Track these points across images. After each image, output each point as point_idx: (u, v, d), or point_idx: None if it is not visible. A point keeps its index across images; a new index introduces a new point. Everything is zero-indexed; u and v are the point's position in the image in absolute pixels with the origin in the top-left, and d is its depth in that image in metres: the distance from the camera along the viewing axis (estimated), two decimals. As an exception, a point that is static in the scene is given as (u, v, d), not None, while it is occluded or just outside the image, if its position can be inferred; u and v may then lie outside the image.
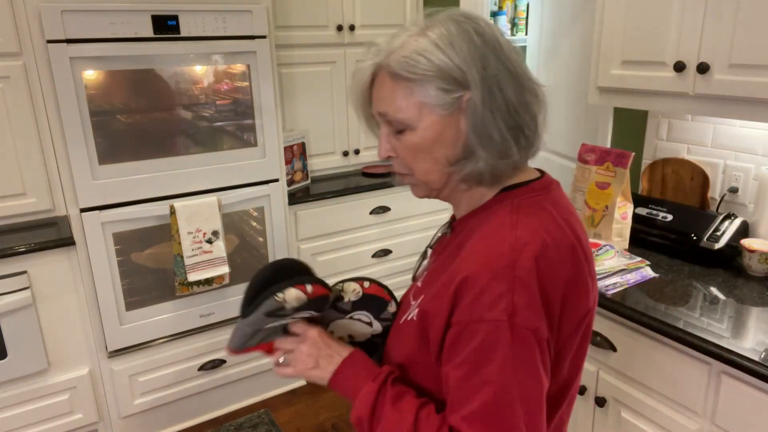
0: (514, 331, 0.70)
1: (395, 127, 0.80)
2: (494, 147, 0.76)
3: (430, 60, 0.74)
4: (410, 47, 0.76)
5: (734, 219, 1.71)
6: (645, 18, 1.60)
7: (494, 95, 0.74)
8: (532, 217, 0.77)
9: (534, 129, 0.79)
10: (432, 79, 0.74)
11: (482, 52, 0.75)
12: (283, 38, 2.52)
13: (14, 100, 1.91)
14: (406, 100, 0.77)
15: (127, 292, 2.17)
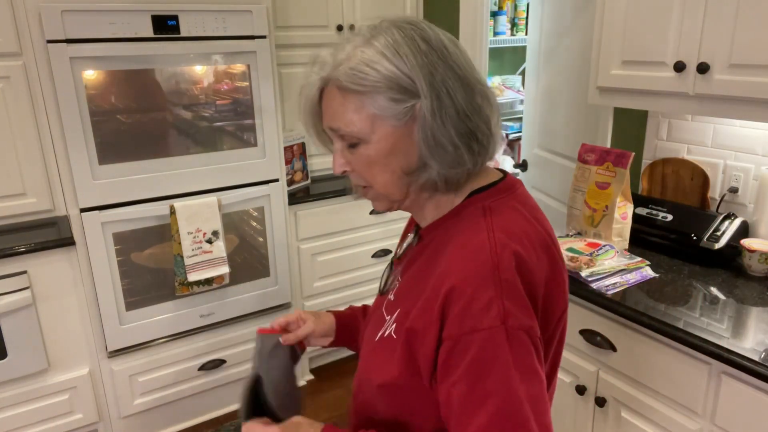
0: (510, 335, 0.69)
1: (348, 141, 0.78)
2: (446, 156, 0.75)
3: (377, 70, 0.72)
4: (357, 58, 0.73)
5: (734, 219, 1.71)
6: (645, 18, 1.60)
7: (443, 102, 0.73)
8: (505, 218, 0.77)
9: (488, 133, 0.77)
10: (382, 90, 0.72)
11: (429, 59, 0.73)
12: (283, 38, 2.52)
13: (14, 100, 1.91)
14: (357, 113, 0.75)
15: (127, 292, 2.17)
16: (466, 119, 0.74)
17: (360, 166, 0.79)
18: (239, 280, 2.40)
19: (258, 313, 2.48)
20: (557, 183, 2.53)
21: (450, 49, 0.76)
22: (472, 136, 0.75)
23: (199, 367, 2.38)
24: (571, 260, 1.60)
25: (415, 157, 0.76)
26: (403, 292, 0.84)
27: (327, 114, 0.79)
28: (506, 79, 3.71)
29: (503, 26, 3.39)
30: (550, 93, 2.56)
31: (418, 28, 0.76)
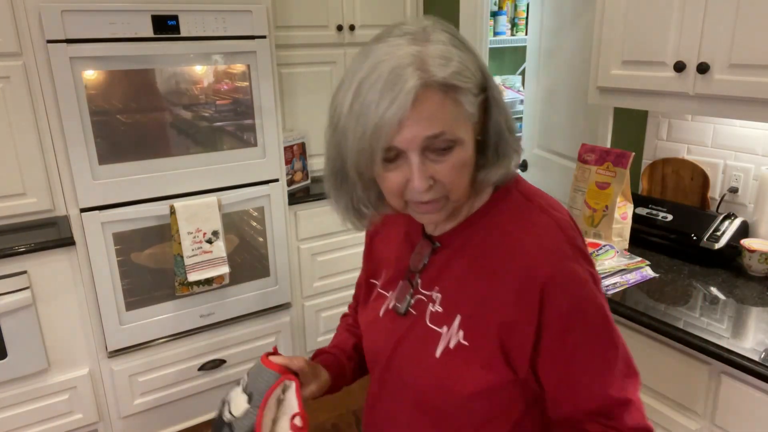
0: (601, 292, 0.78)
1: (443, 145, 0.71)
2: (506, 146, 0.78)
3: (468, 68, 0.71)
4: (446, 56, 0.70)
5: (734, 219, 1.71)
6: (645, 18, 1.60)
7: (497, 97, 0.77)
8: (541, 196, 0.82)
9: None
10: (472, 87, 0.72)
11: (482, 63, 0.75)
12: (283, 38, 2.52)
13: (14, 100, 1.91)
14: (457, 112, 0.71)
15: (127, 292, 2.17)
16: (510, 119, 0.78)
17: (449, 172, 0.73)
18: (239, 280, 2.40)
19: (258, 313, 2.48)
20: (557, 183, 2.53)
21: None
22: (513, 126, 0.79)
23: (199, 367, 2.38)
24: (571, 260, 1.60)
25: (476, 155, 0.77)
26: (456, 300, 0.81)
27: (421, 123, 0.69)
28: (506, 79, 3.71)
29: (503, 26, 3.39)
30: (550, 93, 2.56)
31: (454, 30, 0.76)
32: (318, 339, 2.71)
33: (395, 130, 0.68)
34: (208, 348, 2.39)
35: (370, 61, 0.70)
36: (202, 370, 2.39)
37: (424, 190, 0.73)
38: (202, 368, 2.39)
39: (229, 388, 0.88)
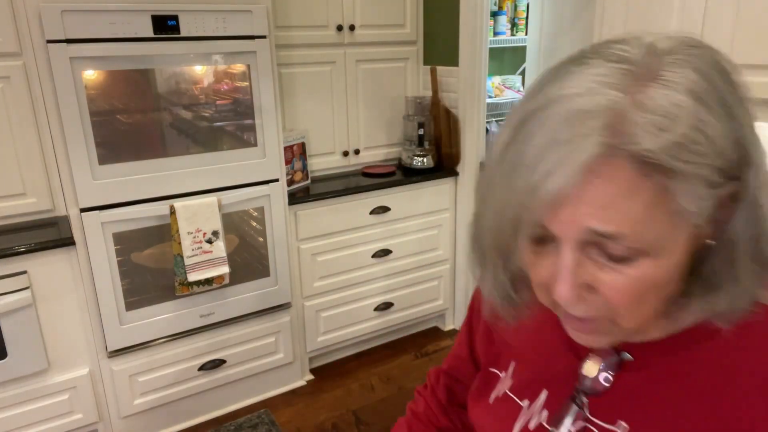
0: None
1: (615, 252, 0.47)
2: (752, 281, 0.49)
3: (707, 135, 0.43)
4: (687, 117, 0.43)
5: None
6: (645, 18, 1.60)
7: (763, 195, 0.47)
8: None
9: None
10: (704, 168, 0.44)
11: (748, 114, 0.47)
12: (283, 38, 2.52)
13: (14, 100, 1.91)
14: (660, 208, 0.45)
15: (127, 292, 2.17)
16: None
17: (623, 291, 0.49)
18: (239, 280, 2.40)
19: (258, 313, 2.48)
20: (557, 183, 2.53)
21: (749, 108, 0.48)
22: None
23: (199, 367, 2.38)
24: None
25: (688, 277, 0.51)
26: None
27: (593, 206, 0.46)
28: (506, 79, 3.71)
29: (503, 26, 3.39)
30: (550, 93, 2.56)
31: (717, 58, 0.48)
32: (318, 339, 2.71)
33: (552, 204, 0.46)
34: (208, 348, 2.39)
35: (552, 90, 0.48)
36: (202, 370, 2.39)
37: (572, 302, 0.50)
38: (202, 368, 2.39)
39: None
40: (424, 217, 2.89)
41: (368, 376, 2.76)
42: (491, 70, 3.72)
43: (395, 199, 2.76)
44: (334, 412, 2.49)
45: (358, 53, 2.76)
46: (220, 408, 2.51)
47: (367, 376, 2.76)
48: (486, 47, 2.76)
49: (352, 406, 2.53)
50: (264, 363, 2.55)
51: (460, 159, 2.90)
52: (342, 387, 2.67)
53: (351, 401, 2.56)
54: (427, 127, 2.86)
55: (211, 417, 2.48)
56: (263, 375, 2.57)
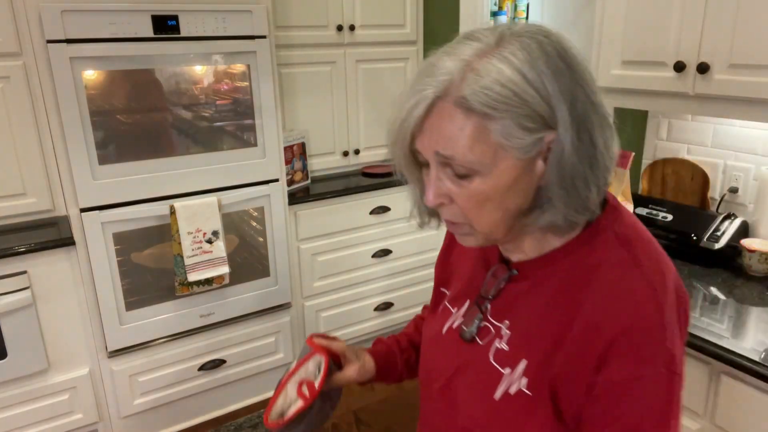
0: (672, 381, 0.65)
1: (457, 171, 0.65)
2: (576, 197, 0.65)
3: (514, 91, 0.60)
4: (491, 75, 0.61)
5: (734, 219, 1.71)
6: (645, 18, 1.60)
7: (582, 137, 0.64)
8: (643, 245, 0.71)
9: (611, 166, 0.68)
10: (515, 115, 0.61)
11: (570, 82, 0.63)
12: (283, 38, 2.52)
13: (14, 100, 1.91)
14: (479, 139, 0.62)
15: (127, 292, 2.17)
16: (600, 157, 0.65)
17: (467, 201, 0.67)
18: (239, 280, 2.40)
19: (258, 313, 2.48)
20: (557, 183, 2.53)
21: (585, 67, 0.65)
22: (602, 176, 0.66)
23: (199, 367, 2.38)
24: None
25: (532, 196, 0.67)
26: (523, 341, 0.73)
27: (434, 136, 0.64)
28: (506, 79, 3.70)
29: (503, 26, 3.39)
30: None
31: (554, 41, 0.64)
32: (318, 339, 2.71)
33: (412, 134, 0.65)
34: (208, 348, 2.39)
35: (433, 57, 0.65)
36: (202, 370, 2.39)
37: (434, 206, 0.69)
38: (202, 368, 2.39)
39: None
40: (424, 217, 2.88)
41: (368, 376, 2.76)
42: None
43: (395, 199, 2.76)
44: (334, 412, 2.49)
45: (358, 53, 2.76)
46: (220, 408, 2.51)
47: (367, 376, 2.76)
48: (486, 47, 2.75)
49: (352, 406, 2.53)
50: (264, 363, 2.55)
51: (460, 159, 2.90)
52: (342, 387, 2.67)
53: (351, 401, 2.56)
54: (427, 127, 2.86)
55: (211, 417, 2.48)
56: (263, 375, 2.57)
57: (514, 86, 0.60)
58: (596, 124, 0.65)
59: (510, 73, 0.60)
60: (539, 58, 0.62)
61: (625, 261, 0.68)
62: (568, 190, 0.65)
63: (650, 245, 0.71)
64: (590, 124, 0.64)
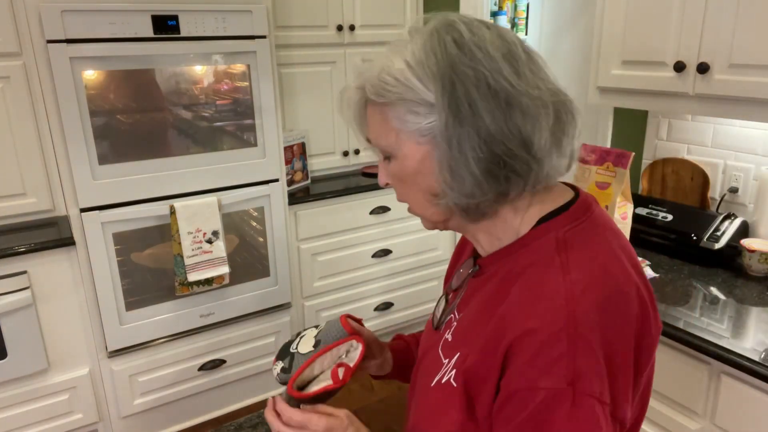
0: (576, 400, 0.59)
1: (384, 155, 0.74)
2: (462, 185, 0.66)
3: (398, 80, 0.65)
4: (384, 68, 0.67)
5: (734, 219, 1.71)
6: (645, 18, 1.60)
7: (463, 120, 0.63)
8: (585, 255, 0.65)
9: (526, 156, 0.64)
10: (401, 102, 0.66)
11: (455, 66, 0.63)
12: (283, 38, 2.52)
13: (14, 100, 1.91)
14: (383, 125, 0.69)
15: (127, 292, 2.17)
16: (491, 142, 0.63)
17: (392, 180, 0.75)
18: (239, 280, 2.40)
19: (258, 313, 2.48)
20: (557, 183, 2.53)
21: (492, 54, 0.64)
22: (497, 163, 0.64)
23: (199, 367, 2.38)
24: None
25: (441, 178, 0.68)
26: (462, 334, 0.75)
27: (369, 127, 0.75)
28: (506, 79, 3.71)
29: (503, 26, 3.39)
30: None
31: (456, 30, 0.65)
32: (318, 339, 2.71)
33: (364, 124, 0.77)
34: (208, 348, 2.39)
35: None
36: (202, 370, 2.39)
37: (385, 187, 0.78)
38: (202, 368, 2.39)
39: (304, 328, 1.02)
40: (424, 217, 2.88)
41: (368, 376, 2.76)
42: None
43: (395, 199, 2.75)
44: (334, 412, 2.49)
45: (358, 53, 2.76)
46: (220, 408, 2.51)
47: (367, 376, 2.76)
48: (486, 47, 2.75)
49: (352, 406, 2.53)
50: (264, 363, 2.54)
51: (460, 159, 2.90)
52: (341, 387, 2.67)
53: (351, 401, 2.56)
54: (427, 127, 2.86)
55: (211, 417, 2.48)
56: (263, 375, 2.57)
57: (400, 75, 0.66)
58: (488, 109, 0.63)
59: (398, 64, 0.66)
60: (430, 48, 0.65)
61: (552, 266, 0.65)
62: (452, 173, 0.66)
63: (598, 258, 0.65)
64: (476, 107, 0.63)
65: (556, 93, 0.68)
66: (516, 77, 0.64)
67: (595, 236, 0.68)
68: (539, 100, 0.65)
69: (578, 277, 0.63)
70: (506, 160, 0.64)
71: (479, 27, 0.67)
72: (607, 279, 0.64)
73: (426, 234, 2.90)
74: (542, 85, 0.66)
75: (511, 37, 0.68)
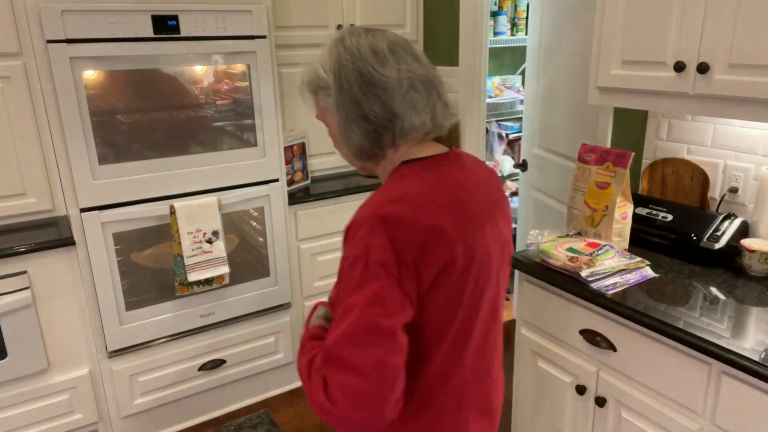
0: (368, 264, 0.87)
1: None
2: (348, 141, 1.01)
3: (318, 76, 1.00)
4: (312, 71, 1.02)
5: (734, 219, 1.71)
6: (645, 18, 1.60)
7: (344, 100, 0.97)
8: (407, 183, 0.96)
9: (386, 114, 0.96)
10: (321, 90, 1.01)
11: (341, 62, 0.97)
12: (283, 38, 2.52)
13: (14, 100, 1.91)
14: (318, 107, 1.05)
15: (127, 292, 2.17)
16: (363, 108, 0.96)
17: (332, 139, 1.09)
18: (239, 280, 2.40)
19: (258, 313, 2.48)
20: (557, 183, 2.53)
21: (363, 52, 0.97)
22: (368, 121, 0.97)
23: (199, 367, 2.38)
24: (571, 260, 1.60)
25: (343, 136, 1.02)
26: None
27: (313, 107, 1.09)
28: (506, 79, 3.71)
29: (503, 26, 3.39)
30: (550, 93, 2.56)
31: (343, 37, 0.99)
32: (318, 339, 2.71)
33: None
34: (208, 348, 2.39)
35: None
36: (202, 370, 2.39)
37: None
38: (202, 368, 2.39)
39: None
40: (424, 217, 2.88)
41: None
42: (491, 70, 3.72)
43: (395, 199, 2.75)
44: (334, 412, 2.49)
45: (358, 53, 2.76)
46: (220, 408, 2.51)
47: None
48: (486, 47, 2.75)
49: (352, 406, 2.53)
50: (264, 363, 2.55)
51: (460, 159, 2.89)
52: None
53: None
54: (427, 127, 2.86)
55: (211, 417, 2.48)
56: (263, 375, 2.58)
57: (315, 69, 1.00)
58: (362, 91, 0.96)
59: (316, 67, 1.00)
60: (328, 52, 0.99)
61: (382, 189, 0.97)
62: (346, 130, 0.99)
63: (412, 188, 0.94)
64: (353, 91, 0.96)
65: (410, 71, 0.97)
66: (380, 66, 0.96)
67: (422, 174, 0.98)
68: (395, 80, 0.95)
69: (389, 196, 0.92)
70: (373, 119, 0.96)
71: (359, 35, 0.99)
72: (408, 201, 0.91)
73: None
74: (401, 67, 0.96)
75: (380, 39, 0.98)
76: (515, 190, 3.71)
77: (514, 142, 3.70)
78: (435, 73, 1.01)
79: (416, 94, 0.97)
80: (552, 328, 1.71)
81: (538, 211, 2.79)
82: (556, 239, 1.75)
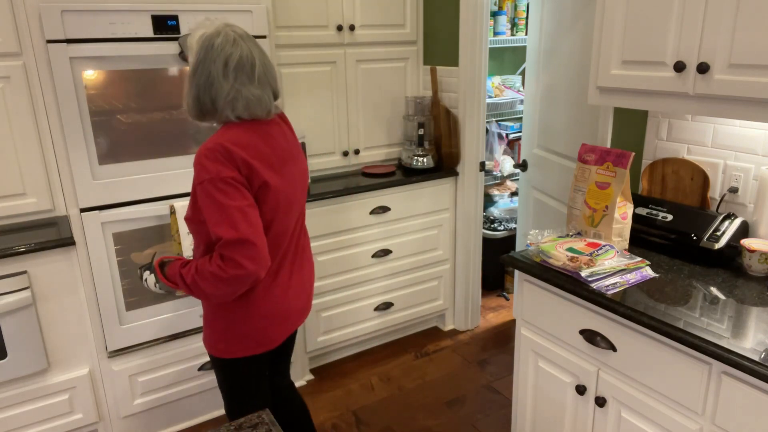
0: (216, 183, 1.34)
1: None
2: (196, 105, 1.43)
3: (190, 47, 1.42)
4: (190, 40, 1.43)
5: (734, 219, 1.71)
6: (645, 18, 1.60)
7: (193, 80, 1.41)
8: (230, 132, 1.40)
9: (211, 97, 1.40)
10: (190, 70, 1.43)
11: (200, 54, 1.39)
12: (283, 38, 2.52)
13: (14, 100, 1.91)
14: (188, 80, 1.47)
15: (127, 292, 2.17)
16: (203, 86, 1.40)
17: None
18: (239, 280, 2.39)
19: (258, 313, 2.48)
20: (557, 183, 2.53)
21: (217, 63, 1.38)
22: (205, 93, 1.40)
23: (199, 367, 2.38)
24: (571, 260, 1.60)
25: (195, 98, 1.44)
26: None
27: None
28: (506, 79, 3.71)
29: (503, 26, 3.39)
30: (550, 93, 2.56)
31: (211, 36, 1.39)
32: (318, 339, 2.71)
33: None
34: (208, 348, 2.39)
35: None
36: (202, 370, 2.39)
37: None
38: (202, 368, 2.39)
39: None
40: (424, 217, 2.89)
41: (368, 376, 2.76)
42: (491, 70, 3.72)
43: (395, 199, 2.76)
44: (334, 412, 2.49)
45: (358, 53, 2.76)
46: (220, 408, 2.51)
47: (367, 376, 2.76)
48: (486, 47, 2.76)
49: (352, 406, 2.53)
50: (264, 363, 2.54)
51: (460, 159, 2.90)
52: (342, 387, 2.67)
53: (351, 401, 2.56)
54: (427, 127, 2.87)
55: (211, 417, 2.48)
56: (263, 375, 2.57)
57: (190, 41, 1.42)
58: (203, 85, 1.40)
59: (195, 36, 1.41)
60: (205, 41, 1.39)
61: (218, 134, 1.41)
62: (195, 100, 1.42)
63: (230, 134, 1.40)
64: (199, 80, 1.40)
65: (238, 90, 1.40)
66: (222, 77, 1.39)
67: (240, 128, 1.42)
68: (225, 91, 1.39)
69: (221, 137, 1.38)
70: (210, 91, 1.40)
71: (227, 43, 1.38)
72: (234, 139, 1.39)
73: (426, 234, 2.90)
74: (235, 84, 1.39)
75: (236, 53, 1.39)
76: (515, 190, 3.71)
77: (514, 142, 3.70)
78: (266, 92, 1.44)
79: (238, 103, 1.40)
80: (552, 328, 1.71)
81: (538, 211, 2.79)
82: (556, 239, 1.75)
